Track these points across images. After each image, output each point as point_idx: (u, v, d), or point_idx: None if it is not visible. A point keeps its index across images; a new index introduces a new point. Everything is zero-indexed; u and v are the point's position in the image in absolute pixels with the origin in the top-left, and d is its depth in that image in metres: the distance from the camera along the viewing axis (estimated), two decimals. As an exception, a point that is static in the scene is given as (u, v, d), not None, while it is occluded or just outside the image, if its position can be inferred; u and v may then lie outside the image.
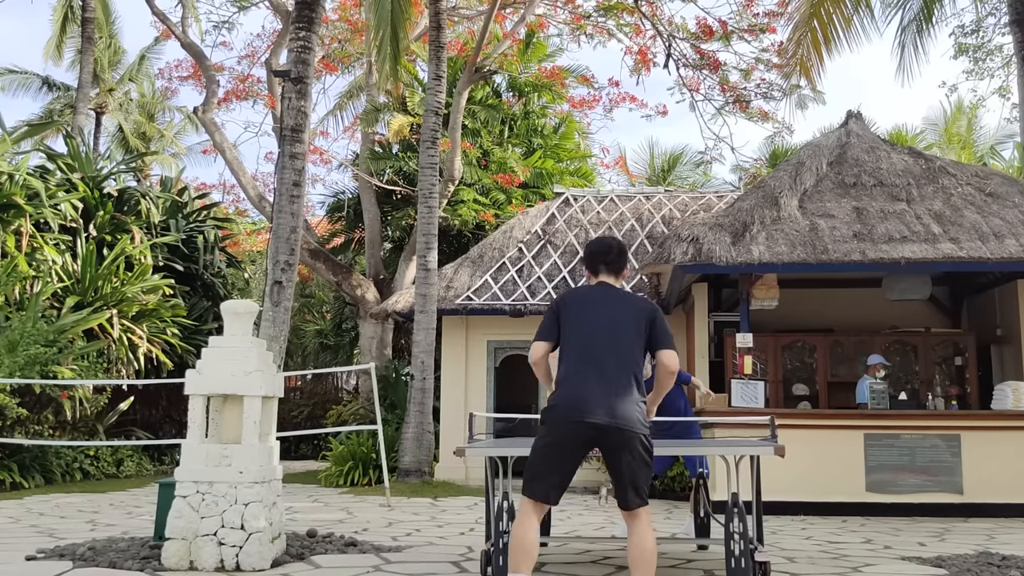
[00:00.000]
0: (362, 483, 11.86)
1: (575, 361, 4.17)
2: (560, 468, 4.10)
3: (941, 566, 5.85)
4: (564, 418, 4.06)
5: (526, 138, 20.35)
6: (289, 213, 10.03)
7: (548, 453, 4.10)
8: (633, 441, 4.04)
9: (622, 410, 4.03)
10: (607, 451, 4.09)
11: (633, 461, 4.04)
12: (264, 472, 5.54)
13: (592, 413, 4.00)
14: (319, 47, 16.08)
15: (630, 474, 4.06)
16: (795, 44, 13.24)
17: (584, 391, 4.06)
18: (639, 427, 4.06)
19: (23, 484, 10.96)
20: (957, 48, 18.86)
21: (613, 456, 4.08)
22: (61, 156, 15.81)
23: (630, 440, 4.03)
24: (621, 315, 4.26)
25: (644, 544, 4.06)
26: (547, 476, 4.09)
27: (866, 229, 10.03)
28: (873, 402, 9.74)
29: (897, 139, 21.50)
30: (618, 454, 4.06)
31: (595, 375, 4.09)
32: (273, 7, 18.18)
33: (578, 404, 4.04)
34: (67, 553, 5.69)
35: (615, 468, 4.10)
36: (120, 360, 13.08)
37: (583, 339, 4.21)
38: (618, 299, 4.36)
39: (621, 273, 4.50)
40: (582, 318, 4.27)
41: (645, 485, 4.11)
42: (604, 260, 4.46)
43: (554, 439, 4.09)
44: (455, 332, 13.47)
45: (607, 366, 4.11)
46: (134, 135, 28.38)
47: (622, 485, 4.08)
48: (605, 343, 4.17)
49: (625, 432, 4.02)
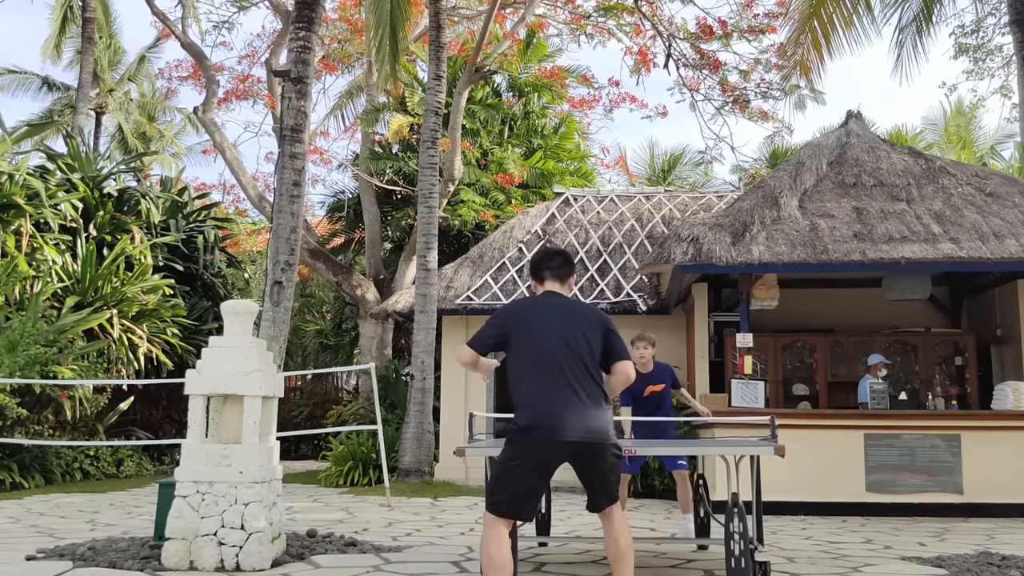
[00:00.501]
0: (362, 483, 11.86)
1: (538, 378, 4.05)
2: (538, 487, 4.05)
3: (941, 566, 5.85)
4: (541, 440, 3.95)
5: (526, 138, 20.36)
6: (289, 213, 10.03)
7: (523, 474, 3.98)
8: (605, 452, 4.03)
9: (596, 424, 4.00)
10: (582, 464, 4.06)
11: (606, 470, 4.05)
12: (264, 472, 5.54)
13: (570, 432, 3.93)
14: (319, 47, 16.08)
15: (602, 482, 4.08)
16: (795, 44, 13.23)
17: (557, 410, 3.96)
18: (612, 437, 4.07)
19: (23, 484, 10.96)
20: (957, 48, 18.88)
21: (588, 468, 4.06)
22: (61, 156, 15.81)
23: (604, 452, 4.03)
24: (577, 326, 4.15)
25: (621, 539, 4.06)
26: (525, 496, 4.01)
27: (866, 229, 10.03)
28: (873, 402, 9.74)
29: (897, 139, 21.50)
30: (592, 466, 4.04)
31: (563, 392, 4.00)
32: (273, 7, 18.17)
33: (554, 424, 3.93)
34: (67, 553, 5.69)
35: (588, 478, 4.09)
36: (120, 360, 13.08)
37: (542, 354, 4.08)
38: (570, 309, 4.26)
39: (567, 280, 4.41)
40: (535, 332, 4.14)
41: (616, 486, 4.15)
42: (549, 267, 4.38)
43: (530, 460, 3.97)
44: (455, 332, 13.47)
45: (572, 381, 4.02)
46: (134, 135, 28.38)
47: (595, 492, 4.11)
48: (566, 356, 4.07)
49: (601, 445, 4.01)
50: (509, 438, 4.07)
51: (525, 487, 4.00)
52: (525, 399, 4.05)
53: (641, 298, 12.87)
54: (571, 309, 4.27)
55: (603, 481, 4.07)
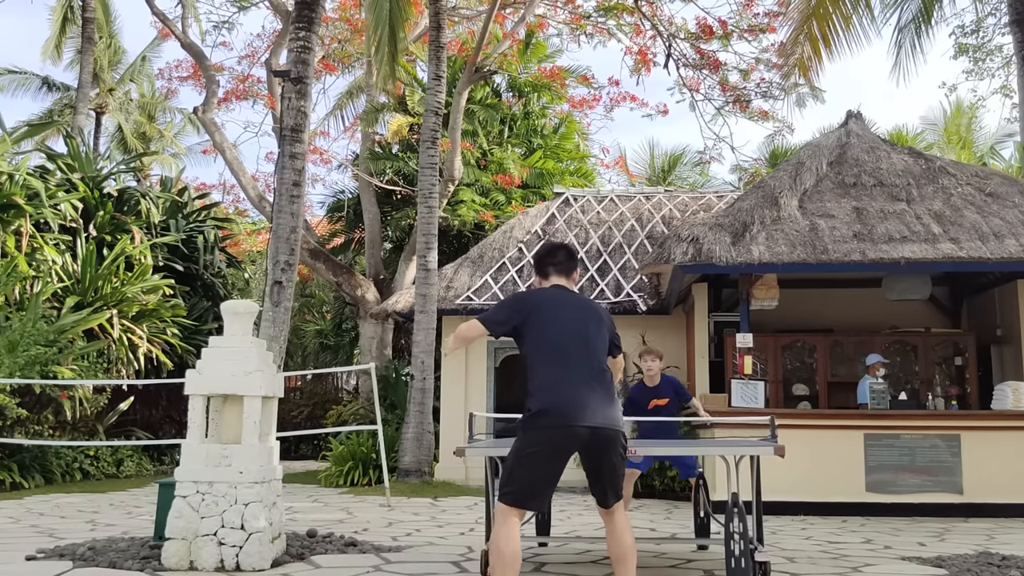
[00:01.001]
0: (362, 483, 11.86)
1: (555, 365, 4.10)
2: (554, 475, 4.04)
3: (941, 566, 5.85)
4: (558, 424, 3.97)
5: (526, 138, 20.37)
6: (289, 213, 10.03)
7: (540, 461, 3.98)
8: (617, 441, 4.08)
9: (611, 411, 4.07)
10: (593, 453, 4.07)
11: (616, 461, 4.09)
12: (264, 472, 5.55)
13: (587, 417, 3.97)
14: (319, 47, 16.08)
15: (611, 474, 4.10)
16: (794, 43, 13.23)
17: (575, 395, 4.01)
18: (622, 426, 4.14)
19: (23, 484, 10.96)
20: (957, 48, 18.88)
21: (598, 457, 4.07)
22: (61, 156, 15.81)
23: (615, 440, 4.07)
24: (589, 318, 4.29)
25: (625, 539, 4.08)
26: (540, 484, 4.01)
27: (866, 229, 10.03)
28: (873, 402, 9.74)
29: (897, 139, 21.50)
30: (604, 455, 4.07)
31: (579, 379, 4.06)
32: (273, 7, 18.17)
33: (572, 409, 3.97)
34: (67, 553, 5.69)
35: (598, 469, 4.10)
36: (120, 360, 13.08)
37: (558, 343, 4.15)
38: (581, 303, 4.41)
39: (572, 275, 4.51)
40: (555, 321, 4.21)
41: (621, 481, 4.17)
42: (554, 262, 4.46)
43: (547, 446, 3.97)
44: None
45: (587, 369, 4.11)
46: (134, 135, 28.37)
47: (602, 485, 4.11)
48: (581, 346, 4.16)
49: (614, 432, 4.06)
50: (523, 425, 4.08)
51: (539, 476, 3.99)
52: (541, 386, 4.08)
53: (641, 298, 12.87)
54: (582, 303, 4.41)
55: (612, 474, 4.09)
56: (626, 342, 11.70)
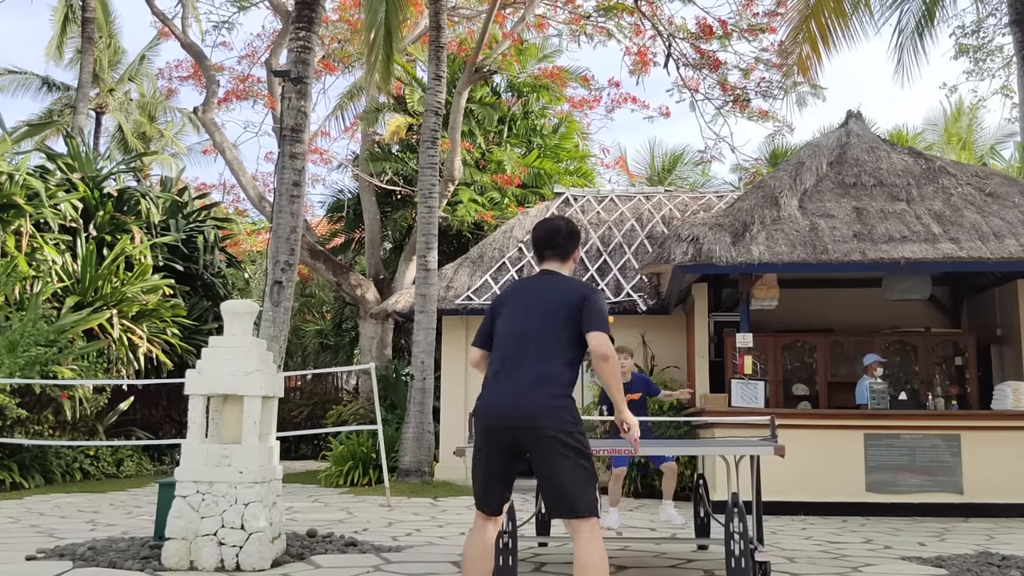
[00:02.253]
0: (362, 483, 11.86)
1: (497, 363, 3.86)
2: (496, 476, 3.78)
3: (941, 566, 5.84)
4: (483, 425, 3.75)
5: (525, 138, 20.37)
6: (289, 213, 10.03)
7: (480, 462, 3.80)
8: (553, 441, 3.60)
9: (536, 408, 3.63)
10: (533, 454, 3.69)
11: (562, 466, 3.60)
12: (264, 472, 5.54)
13: (506, 415, 3.67)
14: (319, 47, 16.07)
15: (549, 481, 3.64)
16: (793, 42, 13.22)
17: (498, 394, 3.74)
18: (557, 425, 3.62)
19: (23, 484, 10.96)
20: (958, 49, 18.88)
21: (537, 459, 3.67)
22: (61, 156, 15.81)
23: (544, 438, 3.61)
24: (545, 303, 3.84)
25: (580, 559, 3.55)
26: (485, 484, 3.80)
27: (866, 229, 10.04)
28: (873, 402, 9.74)
29: (897, 139, 21.51)
30: (541, 456, 3.64)
31: (513, 375, 3.74)
32: (273, 7, 18.17)
33: (493, 407, 3.74)
34: (67, 553, 5.69)
35: (539, 473, 3.68)
36: (120, 360, 13.08)
37: (505, 339, 3.88)
38: (546, 289, 3.92)
39: (569, 257, 4.08)
40: (509, 315, 3.92)
41: (579, 492, 3.58)
42: (550, 245, 4.05)
43: (482, 447, 3.78)
44: (455, 332, 13.48)
45: (527, 364, 3.73)
46: (134, 135, 28.37)
47: (546, 493, 3.70)
48: (527, 339, 3.79)
49: (538, 430, 3.61)
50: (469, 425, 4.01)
51: (483, 477, 3.80)
52: (482, 384, 3.91)
53: (641, 298, 12.87)
54: (547, 288, 3.93)
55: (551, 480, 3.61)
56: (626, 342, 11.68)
